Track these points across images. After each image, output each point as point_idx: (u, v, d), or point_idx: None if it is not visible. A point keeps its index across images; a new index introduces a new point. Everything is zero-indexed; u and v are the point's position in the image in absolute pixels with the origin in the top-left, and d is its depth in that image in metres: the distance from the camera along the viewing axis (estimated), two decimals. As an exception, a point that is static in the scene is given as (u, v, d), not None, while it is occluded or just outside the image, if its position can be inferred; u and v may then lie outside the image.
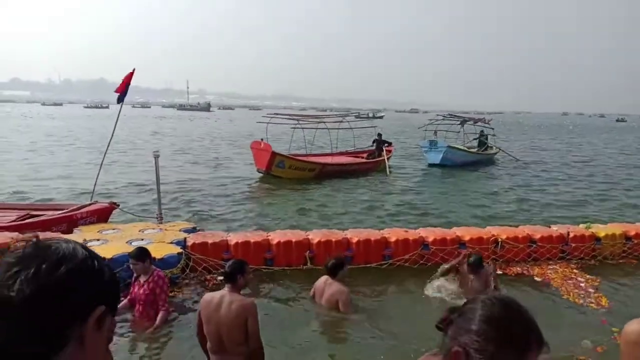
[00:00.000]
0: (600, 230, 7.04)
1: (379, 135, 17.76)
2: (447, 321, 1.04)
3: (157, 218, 7.18)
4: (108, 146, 8.15)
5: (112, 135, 8.09)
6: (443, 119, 21.16)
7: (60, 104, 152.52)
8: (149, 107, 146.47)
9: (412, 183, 14.65)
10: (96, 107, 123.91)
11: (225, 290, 3.45)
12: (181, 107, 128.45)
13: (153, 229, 6.58)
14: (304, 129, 17.35)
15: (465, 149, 19.53)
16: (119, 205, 7.83)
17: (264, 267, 6.07)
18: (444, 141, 18.72)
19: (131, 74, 7.20)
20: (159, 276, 4.48)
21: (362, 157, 17.32)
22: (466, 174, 16.54)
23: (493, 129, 22.44)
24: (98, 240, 5.93)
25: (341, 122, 17.95)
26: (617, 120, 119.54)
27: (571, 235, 6.84)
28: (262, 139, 14.25)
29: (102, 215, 7.34)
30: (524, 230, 6.91)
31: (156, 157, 7.12)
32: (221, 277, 4.46)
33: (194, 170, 16.02)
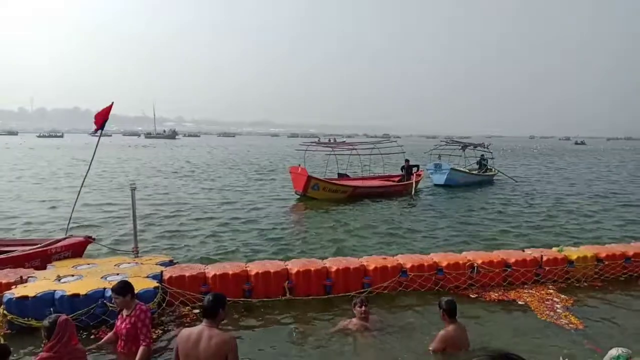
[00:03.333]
0: (573, 253, 7.24)
1: (407, 161, 19.10)
2: None
3: (133, 252, 7.06)
4: (84, 180, 8.03)
5: (89, 168, 7.99)
6: (446, 145, 23.55)
7: (15, 133, 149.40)
8: (110, 135, 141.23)
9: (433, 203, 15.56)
10: (49, 136, 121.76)
11: (203, 325, 3.43)
12: (148, 135, 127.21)
13: (129, 263, 6.46)
14: (336, 154, 19.73)
15: (466, 170, 21.33)
16: (94, 239, 7.67)
17: (242, 299, 6.01)
18: (448, 164, 20.58)
19: (109, 107, 7.06)
20: (141, 310, 4.37)
21: (393, 181, 18.69)
22: (468, 193, 17.97)
23: (492, 152, 24.72)
24: (72, 276, 5.78)
25: (368, 148, 20.04)
26: (576, 143, 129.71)
27: (544, 258, 7.02)
28: (299, 165, 15.66)
29: (76, 250, 7.16)
30: (498, 255, 7.05)
31: (133, 189, 7.06)
32: (198, 311, 4.40)
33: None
